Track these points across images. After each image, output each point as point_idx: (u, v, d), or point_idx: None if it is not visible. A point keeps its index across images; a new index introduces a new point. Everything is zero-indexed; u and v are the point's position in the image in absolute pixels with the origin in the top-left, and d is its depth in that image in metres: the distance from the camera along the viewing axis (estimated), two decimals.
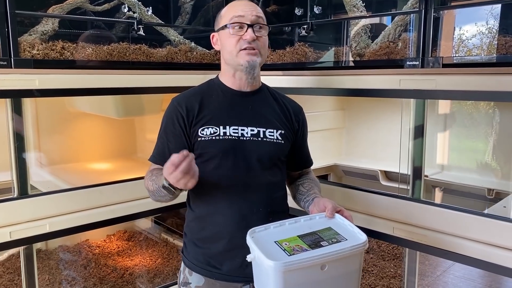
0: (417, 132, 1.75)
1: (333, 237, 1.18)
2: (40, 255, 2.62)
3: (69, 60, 1.94)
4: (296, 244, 1.14)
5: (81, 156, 2.78)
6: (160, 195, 1.33)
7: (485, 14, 1.65)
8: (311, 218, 1.30)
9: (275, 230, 1.22)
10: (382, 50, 1.86)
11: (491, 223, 1.53)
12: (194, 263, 1.43)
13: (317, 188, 1.52)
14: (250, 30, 1.36)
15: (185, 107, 1.40)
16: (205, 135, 1.37)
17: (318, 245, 1.14)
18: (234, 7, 1.41)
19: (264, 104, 1.47)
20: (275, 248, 1.13)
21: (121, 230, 3.02)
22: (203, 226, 1.42)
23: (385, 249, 2.74)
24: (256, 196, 1.40)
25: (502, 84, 1.46)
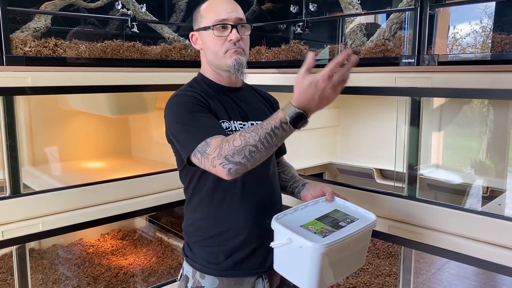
0: (412, 130, 1.75)
1: (346, 218, 1.27)
2: (33, 254, 2.60)
3: (62, 57, 1.92)
4: (321, 227, 1.20)
5: (75, 155, 2.76)
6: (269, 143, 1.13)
7: (479, 12, 1.65)
8: (315, 202, 1.35)
9: (293, 216, 1.26)
10: (378, 48, 1.86)
11: (486, 221, 1.53)
12: (205, 265, 1.39)
13: (297, 174, 1.57)
14: (234, 31, 1.34)
15: (202, 97, 1.32)
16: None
17: (339, 226, 1.22)
18: (215, 6, 1.38)
19: (253, 98, 1.50)
20: (305, 231, 1.17)
21: (115, 229, 3.00)
22: (217, 224, 1.38)
23: (380, 247, 2.74)
24: (266, 188, 1.42)
25: (498, 82, 1.46)
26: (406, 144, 1.77)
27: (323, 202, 1.36)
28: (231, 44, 1.34)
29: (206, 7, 1.41)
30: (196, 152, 1.21)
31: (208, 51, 1.40)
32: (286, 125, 1.11)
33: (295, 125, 1.11)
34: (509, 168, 2.19)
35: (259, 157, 1.15)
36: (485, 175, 2.31)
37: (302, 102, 1.09)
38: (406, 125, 1.75)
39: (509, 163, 2.19)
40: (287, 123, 1.10)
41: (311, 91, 1.08)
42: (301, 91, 1.09)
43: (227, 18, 1.34)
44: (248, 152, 1.13)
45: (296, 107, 1.09)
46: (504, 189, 2.16)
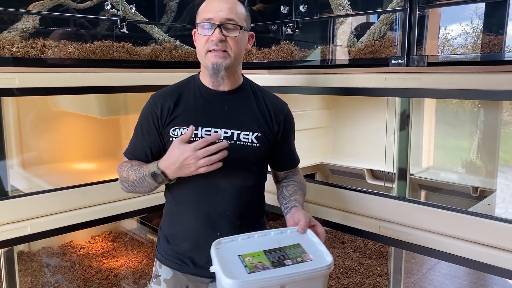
0: (402, 130, 1.75)
1: (298, 256, 1.15)
2: (22, 257, 2.58)
3: (50, 58, 1.90)
4: (259, 261, 1.11)
5: (64, 156, 2.73)
6: (142, 185, 1.34)
7: (470, 13, 1.66)
8: (282, 232, 1.26)
9: (242, 243, 1.19)
10: (368, 49, 1.86)
11: (475, 221, 1.54)
12: (164, 256, 1.44)
13: (301, 193, 1.48)
14: (217, 31, 1.31)
15: (160, 106, 1.38)
16: (176, 136, 1.34)
17: (281, 264, 1.10)
18: (208, 5, 1.37)
19: (242, 104, 1.42)
20: (238, 263, 1.10)
21: (106, 231, 2.98)
22: (173, 223, 1.43)
23: (372, 248, 2.75)
24: (224, 199, 1.37)
25: (487, 83, 1.46)
26: (395, 145, 1.78)
27: (292, 232, 1.26)
28: (213, 44, 1.32)
29: (203, 4, 1.39)
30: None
31: (196, 49, 1.40)
32: (149, 177, 1.30)
33: (155, 180, 1.30)
34: (499, 168, 2.21)
35: (140, 190, 1.37)
36: (475, 175, 2.33)
37: (164, 165, 1.27)
38: (396, 126, 1.76)
39: (499, 163, 2.21)
40: (149, 176, 1.30)
41: (175, 157, 1.23)
42: (168, 156, 1.27)
43: (212, 17, 1.32)
44: (130, 185, 1.37)
45: (158, 167, 1.28)
46: (494, 189, 2.18)
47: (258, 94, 1.47)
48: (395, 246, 1.83)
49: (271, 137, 1.43)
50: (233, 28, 1.34)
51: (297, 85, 2.02)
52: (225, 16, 1.32)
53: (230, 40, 1.33)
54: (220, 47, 1.32)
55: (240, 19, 1.35)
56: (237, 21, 1.34)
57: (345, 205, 1.87)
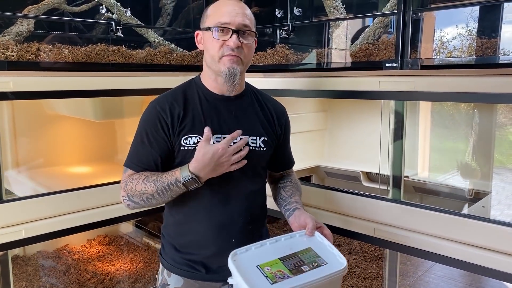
0: (397, 133, 1.76)
1: (313, 261, 1.18)
2: (17, 261, 2.56)
3: (45, 61, 1.90)
4: (278, 270, 1.13)
5: (59, 160, 2.73)
6: (163, 196, 1.27)
7: (465, 15, 1.67)
8: (291, 236, 1.28)
9: (256, 252, 1.20)
10: (362, 52, 1.87)
11: (470, 223, 1.55)
12: (172, 264, 1.41)
13: (298, 193, 1.49)
14: (234, 37, 1.29)
15: (169, 113, 1.32)
16: (188, 145, 1.31)
17: (299, 270, 1.13)
18: (221, 7, 1.33)
19: (247, 110, 1.42)
20: (258, 274, 1.11)
21: (101, 235, 2.97)
22: (183, 233, 1.39)
23: (367, 250, 2.75)
24: (236, 206, 1.37)
25: (480, 86, 1.47)
26: (390, 148, 1.79)
27: (301, 236, 1.28)
28: (228, 50, 1.29)
29: (214, 6, 1.37)
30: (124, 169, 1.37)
31: (207, 53, 1.37)
32: (180, 184, 1.24)
33: (187, 186, 1.25)
34: (494, 170, 2.22)
35: (156, 202, 1.30)
36: (470, 177, 2.33)
37: (196, 169, 1.23)
38: (390, 128, 1.77)
39: (495, 165, 2.21)
40: (180, 183, 1.24)
41: (207, 159, 1.21)
42: (198, 159, 1.23)
43: (229, 22, 1.29)
44: (146, 198, 1.29)
45: (191, 172, 1.23)
46: (488, 191, 2.18)
47: (259, 99, 1.47)
48: (390, 248, 1.84)
49: (275, 141, 1.45)
50: (249, 35, 1.33)
51: (292, 88, 2.03)
52: (241, 22, 1.30)
53: (244, 47, 1.32)
54: (236, 53, 1.30)
55: (253, 25, 1.35)
56: (251, 28, 1.34)
57: (340, 208, 1.88)
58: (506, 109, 2.20)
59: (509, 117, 2.22)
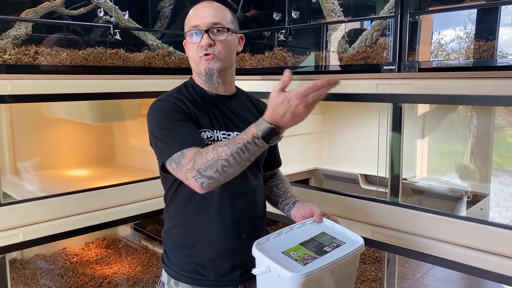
0: (395, 135, 1.76)
1: (332, 242, 1.22)
2: (15, 264, 2.56)
3: (43, 65, 1.90)
4: (303, 253, 1.16)
5: (57, 163, 2.72)
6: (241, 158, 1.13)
7: (462, 18, 1.68)
8: (302, 224, 1.31)
9: (276, 241, 1.22)
10: (359, 55, 1.87)
11: (468, 225, 1.55)
12: (180, 273, 1.38)
13: (290, 188, 1.52)
14: (205, 36, 1.31)
15: (185, 105, 1.31)
16: (203, 139, 1.30)
17: (323, 251, 1.17)
18: (193, 12, 1.38)
19: (243, 108, 1.45)
20: (286, 259, 1.13)
21: (100, 238, 2.97)
22: (190, 233, 1.37)
23: (366, 253, 2.75)
24: (244, 202, 1.38)
25: (477, 88, 1.48)
26: (388, 150, 1.79)
27: (311, 224, 1.31)
28: (203, 50, 1.32)
29: (190, 12, 1.40)
30: (172, 161, 1.21)
31: (189, 59, 1.40)
32: (258, 140, 1.11)
33: (267, 140, 1.11)
34: (493, 172, 2.22)
35: (232, 171, 1.15)
36: (468, 179, 2.33)
37: (274, 118, 1.10)
38: (388, 131, 1.77)
39: (494, 167, 2.22)
40: (259, 138, 1.11)
41: (284, 107, 1.08)
42: (274, 107, 1.10)
43: (199, 23, 1.33)
44: (220, 167, 1.13)
45: (268, 123, 1.10)
46: (486, 193, 2.19)
47: (250, 99, 1.51)
48: (389, 251, 1.84)
49: None
50: (221, 31, 1.34)
51: None
52: (211, 21, 1.32)
53: (218, 44, 1.33)
54: (210, 51, 1.32)
55: (227, 22, 1.36)
56: (224, 24, 1.34)
57: (339, 210, 1.88)
58: (504, 111, 2.21)
59: (507, 119, 2.23)
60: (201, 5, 1.38)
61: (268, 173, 1.59)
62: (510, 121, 2.22)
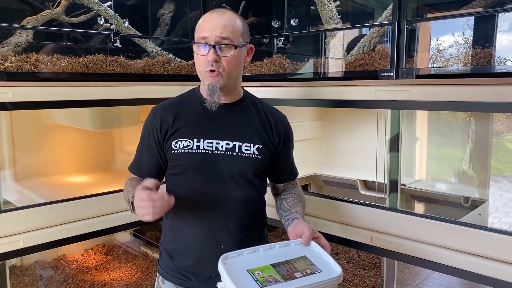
0: (393, 141, 1.77)
1: (307, 268, 1.15)
2: (14, 271, 2.55)
3: (44, 72, 1.91)
4: (269, 274, 1.11)
5: (57, 169, 2.73)
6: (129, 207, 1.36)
7: (459, 26, 1.69)
8: (286, 245, 1.26)
9: (249, 257, 1.19)
10: (357, 62, 1.89)
11: (467, 231, 1.55)
12: (166, 271, 1.43)
13: (301, 205, 1.46)
14: (211, 51, 1.30)
15: (160, 119, 1.40)
16: (178, 148, 1.36)
17: (291, 276, 1.11)
18: (203, 22, 1.36)
19: (243, 117, 1.44)
20: (247, 277, 1.10)
21: (99, 244, 2.97)
22: (175, 238, 1.42)
23: (365, 259, 2.75)
24: (227, 212, 1.37)
25: (473, 95, 1.49)
26: (387, 156, 1.80)
27: (296, 245, 1.25)
28: (208, 65, 1.32)
29: (201, 19, 1.39)
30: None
31: (196, 68, 1.40)
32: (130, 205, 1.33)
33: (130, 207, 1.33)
34: (492, 177, 2.22)
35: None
36: (467, 185, 2.34)
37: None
38: (386, 137, 1.78)
39: (493, 172, 2.22)
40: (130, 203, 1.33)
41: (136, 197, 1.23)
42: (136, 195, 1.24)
43: (208, 36, 1.31)
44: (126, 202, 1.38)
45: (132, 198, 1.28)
46: (485, 199, 2.19)
47: (258, 107, 1.48)
48: (388, 256, 1.84)
49: (271, 149, 1.44)
50: (228, 47, 1.32)
51: (289, 97, 2.04)
52: (219, 35, 1.31)
53: (224, 60, 1.32)
54: (215, 68, 1.32)
55: (236, 36, 1.33)
56: (232, 39, 1.32)
57: (338, 216, 1.88)
58: (503, 116, 2.22)
59: (506, 125, 2.24)
60: (212, 15, 1.35)
61: (281, 185, 1.56)
62: (508, 127, 2.23)
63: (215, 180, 1.35)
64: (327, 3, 2.05)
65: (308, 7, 2.35)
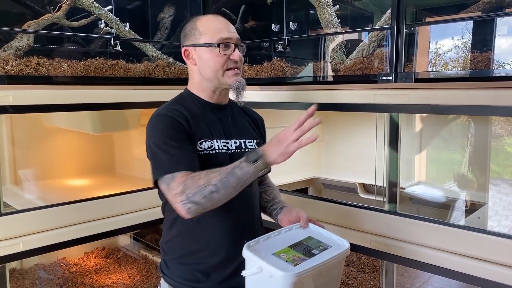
0: (392, 145, 1.78)
1: (319, 245, 1.26)
2: (14, 274, 2.55)
3: (44, 76, 1.92)
4: (293, 255, 1.19)
5: (58, 173, 2.73)
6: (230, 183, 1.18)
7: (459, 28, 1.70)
8: (289, 229, 1.34)
9: (265, 243, 1.25)
10: (356, 66, 1.90)
11: (466, 234, 1.56)
12: (181, 282, 1.38)
13: (279, 195, 1.56)
14: (237, 50, 1.38)
15: (183, 118, 1.32)
16: (203, 149, 1.33)
17: (311, 254, 1.21)
18: (216, 24, 1.39)
19: (238, 116, 1.50)
20: (277, 260, 1.17)
21: (99, 247, 2.96)
22: (194, 241, 1.38)
23: (365, 262, 2.75)
24: (247, 207, 1.42)
25: (472, 99, 1.50)
26: (386, 159, 1.80)
27: (297, 228, 1.35)
28: (233, 63, 1.38)
29: (205, 23, 1.40)
30: (162, 181, 1.26)
31: (206, 68, 1.39)
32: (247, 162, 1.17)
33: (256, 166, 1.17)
34: (492, 181, 2.23)
35: (218, 198, 1.19)
36: (466, 188, 2.34)
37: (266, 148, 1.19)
38: (386, 140, 1.79)
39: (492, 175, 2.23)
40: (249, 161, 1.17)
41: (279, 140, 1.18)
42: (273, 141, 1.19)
43: (230, 37, 1.38)
44: (209, 192, 1.18)
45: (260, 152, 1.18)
46: (484, 202, 2.20)
47: (243, 108, 1.55)
48: (387, 260, 1.84)
49: (262, 144, 1.46)
50: (242, 49, 1.42)
51: (289, 101, 2.05)
52: (237, 36, 1.40)
53: (240, 60, 1.41)
54: (238, 65, 1.40)
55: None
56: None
57: (337, 219, 1.89)
58: (502, 120, 2.22)
59: (505, 128, 2.24)
60: (220, 20, 1.42)
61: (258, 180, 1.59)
62: (508, 130, 2.23)
63: None
64: (326, 8, 2.06)
65: (307, 11, 2.36)
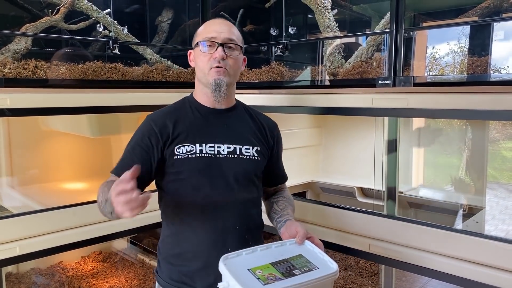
0: (391, 149, 1.78)
1: (305, 265, 1.19)
2: (10, 278, 2.53)
3: (42, 79, 1.92)
4: (269, 273, 1.14)
5: (55, 176, 2.72)
6: (103, 210, 1.27)
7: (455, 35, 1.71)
8: (282, 244, 1.30)
9: (248, 257, 1.22)
10: (355, 70, 1.90)
11: (464, 238, 1.56)
12: (168, 282, 1.41)
13: (291, 208, 1.52)
14: (220, 49, 1.38)
15: (159, 126, 1.39)
16: (181, 153, 1.37)
17: (291, 274, 1.15)
18: (209, 26, 1.45)
19: (239, 121, 1.49)
20: (249, 276, 1.12)
21: (96, 251, 2.95)
22: (178, 243, 1.41)
23: (363, 266, 2.75)
24: (232, 214, 1.40)
25: (470, 103, 1.50)
26: (384, 163, 1.80)
27: (291, 244, 1.30)
28: (215, 62, 1.37)
29: (203, 26, 1.47)
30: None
31: (197, 68, 1.45)
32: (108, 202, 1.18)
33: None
34: (489, 185, 2.23)
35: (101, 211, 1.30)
36: (464, 192, 2.35)
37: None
38: (384, 144, 1.79)
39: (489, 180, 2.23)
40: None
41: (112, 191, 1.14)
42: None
43: (215, 36, 1.39)
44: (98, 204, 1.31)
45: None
46: (481, 206, 2.20)
47: (250, 113, 1.54)
48: (385, 264, 1.84)
49: (267, 152, 1.50)
50: (234, 48, 1.42)
51: (287, 105, 2.05)
52: (226, 36, 1.40)
53: (230, 59, 1.40)
54: (222, 65, 1.38)
55: (239, 41, 1.44)
56: (238, 42, 1.43)
57: (335, 223, 1.88)
58: (499, 124, 2.23)
59: (502, 133, 2.25)
60: (216, 21, 1.47)
61: (271, 189, 1.61)
62: (504, 135, 2.24)
63: (219, 183, 1.37)
64: (324, 12, 2.07)
65: (306, 15, 2.37)
